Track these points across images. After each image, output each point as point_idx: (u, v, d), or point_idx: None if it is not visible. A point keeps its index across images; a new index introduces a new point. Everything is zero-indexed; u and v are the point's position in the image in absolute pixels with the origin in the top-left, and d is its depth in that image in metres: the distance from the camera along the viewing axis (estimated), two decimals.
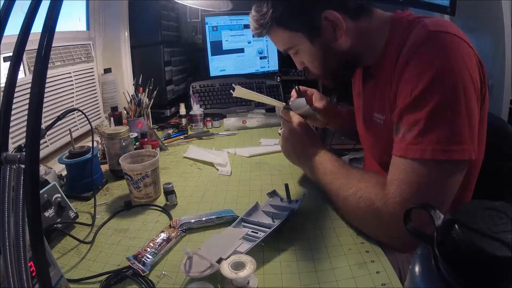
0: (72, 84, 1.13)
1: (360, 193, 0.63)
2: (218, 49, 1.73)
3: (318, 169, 0.75)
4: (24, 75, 0.93)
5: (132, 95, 1.26)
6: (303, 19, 0.68)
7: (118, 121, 1.22)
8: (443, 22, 0.61)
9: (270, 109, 1.63)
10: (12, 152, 0.35)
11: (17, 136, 0.86)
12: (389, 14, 0.71)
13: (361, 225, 0.66)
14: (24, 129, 0.85)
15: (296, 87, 0.91)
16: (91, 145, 0.84)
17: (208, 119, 1.46)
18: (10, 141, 0.85)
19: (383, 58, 0.69)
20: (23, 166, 0.34)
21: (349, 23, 0.67)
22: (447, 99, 0.55)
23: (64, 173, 0.91)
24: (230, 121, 1.41)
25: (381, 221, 0.60)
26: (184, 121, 1.39)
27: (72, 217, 0.72)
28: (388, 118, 0.69)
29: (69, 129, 0.90)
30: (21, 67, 0.93)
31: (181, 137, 1.32)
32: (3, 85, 0.44)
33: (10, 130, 0.64)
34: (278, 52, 1.81)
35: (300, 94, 0.89)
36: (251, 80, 1.70)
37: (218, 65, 1.74)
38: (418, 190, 0.56)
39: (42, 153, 0.99)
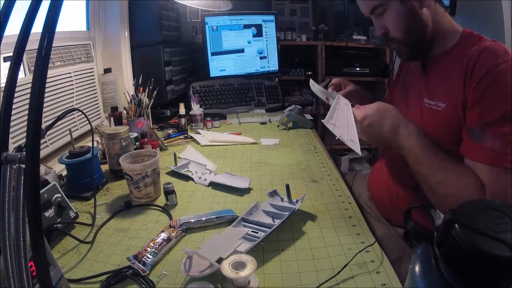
0: (72, 84, 1.13)
1: (460, 194, 0.64)
2: (218, 49, 1.73)
3: (409, 157, 0.71)
4: (24, 75, 0.93)
5: (132, 95, 1.25)
6: None
7: (118, 121, 1.22)
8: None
9: (270, 109, 1.63)
10: (12, 152, 0.35)
11: (17, 136, 0.86)
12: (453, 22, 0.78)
13: None
14: (24, 129, 0.86)
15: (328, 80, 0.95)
16: (91, 145, 0.84)
17: (208, 119, 1.46)
18: (10, 141, 0.85)
19: (450, 54, 0.74)
20: (23, 166, 0.34)
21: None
22: None
23: (64, 173, 0.91)
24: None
25: None
26: (183, 120, 1.39)
27: (72, 217, 0.72)
28: (451, 107, 0.71)
29: (69, 129, 0.89)
30: (21, 67, 0.93)
31: (181, 137, 1.32)
32: (3, 85, 0.44)
33: (10, 130, 0.64)
34: (278, 52, 1.82)
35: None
36: (250, 81, 1.70)
37: (218, 65, 1.74)
38: (504, 191, 0.60)
39: (42, 153, 0.98)
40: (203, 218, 0.71)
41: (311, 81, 0.89)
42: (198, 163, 1.01)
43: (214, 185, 0.91)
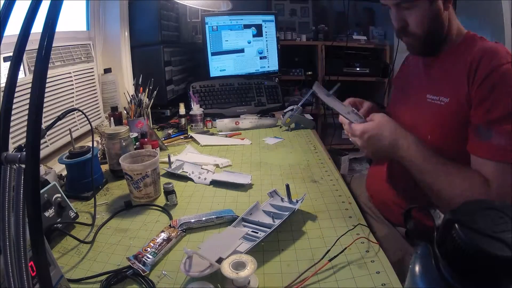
0: (72, 84, 1.13)
1: (466, 194, 0.65)
2: (218, 49, 1.73)
3: (411, 168, 0.72)
4: (24, 75, 0.93)
5: (132, 95, 1.25)
6: None
7: (118, 121, 1.22)
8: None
9: (265, 110, 1.62)
10: (12, 152, 0.35)
11: (17, 136, 0.86)
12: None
13: None
14: (24, 129, 0.86)
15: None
16: (91, 145, 0.84)
17: (208, 119, 1.46)
18: (10, 141, 0.85)
19: (456, 51, 0.77)
20: (23, 166, 0.34)
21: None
22: None
23: (64, 173, 0.91)
24: (223, 122, 1.41)
25: None
26: (183, 120, 1.39)
27: (72, 217, 0.72)
28: (455, 102, 0.73)
29: (69, 129, 0.89)
30: (21, 67, 0.93)
31: (181, 137, 1.32)
32: (3, 85, 0.44)
33: (10, 130, 0.64)
34: (278, 52, 1.82)
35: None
36: (250, 81, 1.70)
37: (218, 65, 1.74)
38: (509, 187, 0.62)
39: (42, 153, 0.98)
40: (203, 218, 0.71)
41: (316, 84, 0.85)
42: (193, 163, 1.00)
43: (215, 183, 0.91)
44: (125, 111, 1.29)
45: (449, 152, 0.71)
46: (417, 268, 0.33)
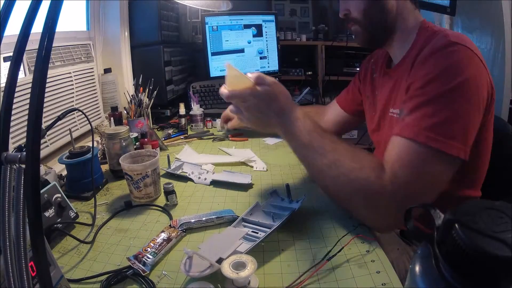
0: (72, 84, 1.13)
1: (354, 174, 0.62)
2: (218, 49, 1.73)
3: (292, 142, 0.69)
4: (24, 75, 0.93)
5: (132, 95, 1.25)
6: None
7: (118, 121, 1.22)
8: (463, 36, 0.65)
9: None
10: (12, 152, 0.35)
11: (17, 136, 0.86)
12: (421, 19, 0.77)
13: (351, 206, 0.68)
14: (24, 129, 0.86)
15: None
16: (91, 145, 0.84)
17: (208, 119, 1.46)
18: (10, 141, 0.85)
19: (403, 59, 0.75)
20: (23, 166, 0.34)
21: None
22: (450, 97, 0.60)
23: (64, 173, 0.91)
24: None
25: (375, 202, 0.62)
26: (183, 121, 1.39)
27: (72, 217, 0.72)
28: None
29: (69, 129, 0.89)
30: (21, 67, 0.93)
31: (181, 137, 1.32)
32: (3, 85, 0.44)
33: (10, 130, 0.64)
34: (278, 52, 1.82)
35: None
36: None
37: (218, 65, 1.74)
38: (413, 171, 0.60)
39: (42, 153, 0.98)
40: (203, 218, 0.71)
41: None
42: (192, 164, 1.00)
43: (215, 183, 0.91)
44: (125, 111, 1.29)
45: None
46: (417, 268, 0.33)
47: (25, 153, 0.33)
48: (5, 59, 0.86)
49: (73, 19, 1.30)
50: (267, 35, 1.78)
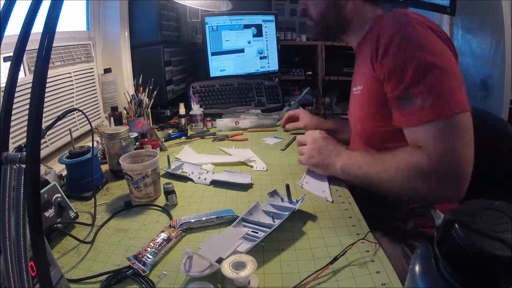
0: (72, 84, 1.13)
1: (400, 171, 0.67)
2: (218, 49, 1.73)
3: (352, 166, 0.78)
4: (24, 75, 0.93)
5: (132, 95, 1.25)
6: None
7: (118, 121, 1.22)
8: (412, 11, 0.71)
9: (265, 110, 1.62)
10: (12, 152, 0.35)
11: (17, 136, 0.86)
12: (380, 13, 0.83)
13: (416, 192, 0.68)
14: (24, 129, 0.86)
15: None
16: (91, 145, 0.84)
17: (208, 119, 1.46)
18: (10, 141, 0.85)
19: (365, 40, 0.81)
20: (23, 166, 0.34)
21: None
22: (425, 70, 0.64)
23: (64, 173, 0.91)
24: (223, 122, 1.41)
25: (430, 179, 0.64)
26: (183, 121, 1.39)
27: (72, 217, 0.72)
28: (366, 88, 0.79)
29: (69, 129, 0.89)
30: (21, 67, 0.93)
31: (183, 137, 1.31)
32: (3, 85, 0.44)
33: (10, 130, 0.64)
34: (278, 52, 1.82)
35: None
36: (250, 81, 1.70)
37: (218, 65, 1.74)
38: (446, 146, 0.63)
39: (42, 153, 0.98)
40: (203, 218, 0.71)
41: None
42: (192, 164, 1.00)
43: (215, 183, 0.91)
44: (125, 111, 1.29)
45: (381, 136, 0.76)
46: (417, 268, 0.33)
47: (25, 153, 0.33)
48: (5, 59, 0.86)
49: (73, 19, 1.30)
50: (267, 35, 1.79)
